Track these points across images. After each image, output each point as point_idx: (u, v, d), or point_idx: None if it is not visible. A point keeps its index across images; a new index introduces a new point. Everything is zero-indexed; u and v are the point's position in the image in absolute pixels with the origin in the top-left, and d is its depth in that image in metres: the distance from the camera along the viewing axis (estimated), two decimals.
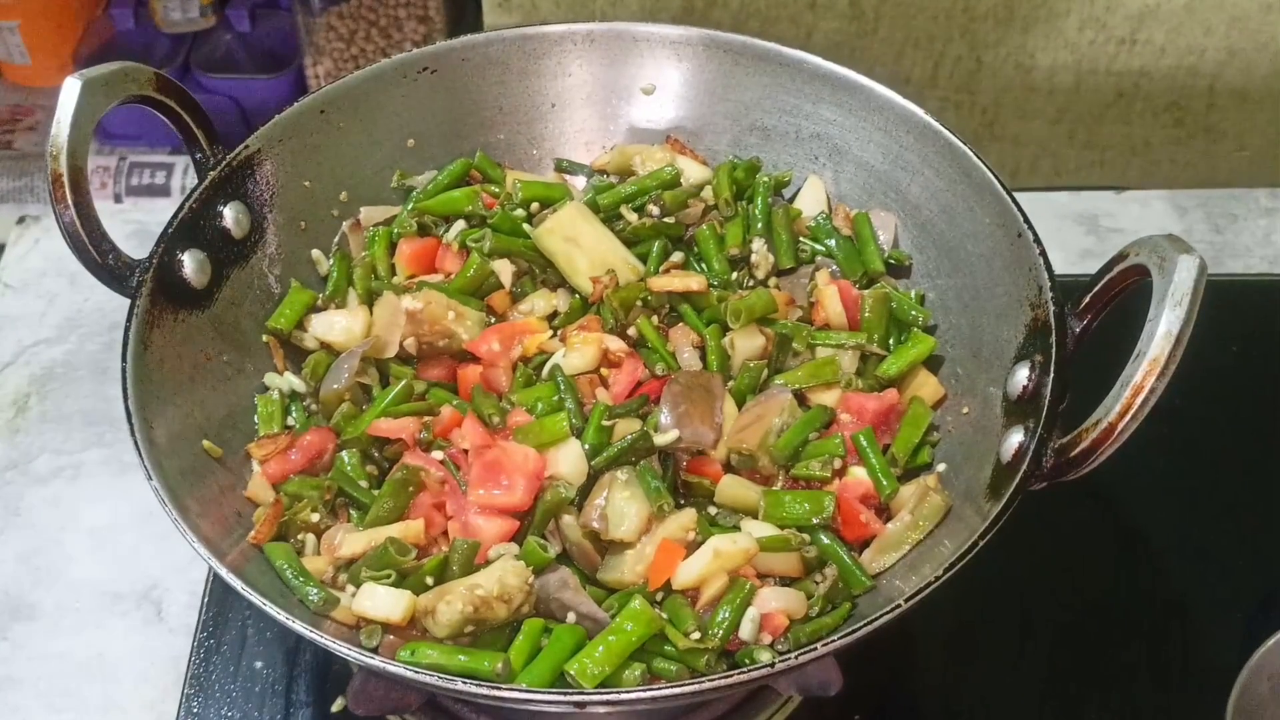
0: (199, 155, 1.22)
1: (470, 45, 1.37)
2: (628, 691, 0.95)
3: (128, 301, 1.10)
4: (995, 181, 1.18)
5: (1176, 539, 1.40)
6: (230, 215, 1.21)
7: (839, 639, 0.92)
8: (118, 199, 2.76)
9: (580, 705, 0.93)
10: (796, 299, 1.26)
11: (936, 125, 1.24)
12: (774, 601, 1.05)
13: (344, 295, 1.27)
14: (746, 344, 1.19)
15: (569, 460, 1.09)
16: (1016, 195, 1.16)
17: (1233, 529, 1.40)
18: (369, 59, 2.67)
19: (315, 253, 1.31)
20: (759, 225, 1.30)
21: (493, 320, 1.24)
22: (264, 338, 1.23)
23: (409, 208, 1.32)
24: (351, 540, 1.07)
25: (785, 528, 1.09)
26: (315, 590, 1.04)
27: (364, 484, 1.12)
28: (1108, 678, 1.28)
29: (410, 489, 1.09)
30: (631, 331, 1.21)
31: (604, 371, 1.19)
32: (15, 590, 1.34)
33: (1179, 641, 1.31)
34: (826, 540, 1.09)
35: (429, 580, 1.03)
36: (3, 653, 1.29)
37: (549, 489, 1.07)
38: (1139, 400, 0.91)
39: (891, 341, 1.23)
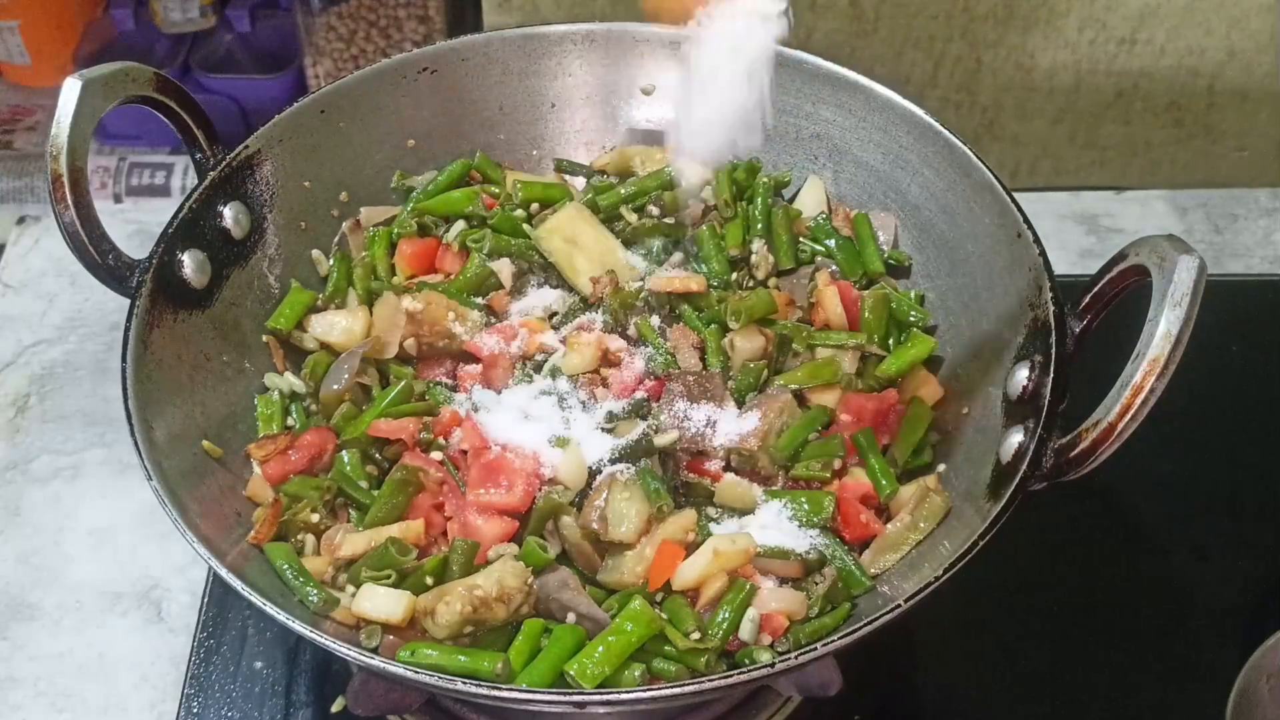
0: (199, 155, 1.22)
1: (470, 45, 1.37)
2: (627, 691, 0.95)
3: (128, 301, 1.10)
4: (995, 181, 1.18)
5: (1176, 539, 1.40)
6: (230, 215, 1.21)
7: (839, 639, 0.92)
8: (118, 199, 2.76)
9: (580, 705, 0.93)
10: (796, 299, 1.26)
11: (936, 125, 1.24)
12: (774, 602, 1.05)
13: (344, 295, 1.27)
14: (746, 344, 1.19)
15: (568, 465, 1.09)
16: (1016, 195, 1.16)
17: (1233, 529, 1.40)
18: (369, 59, 2.68)
19: (315, 253, 1.31)
20: (759, 226, 1.30)
21: (493, 320, 1.24)
22: (264, 338, 1.23)
23: (409, 208, 1.32)
24: (351, 540, 1.07)
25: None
26: (315, 590, 1.04)
27: (364, 484, 1.12)
28: (1107, 678, 1.28)
29: (410, 489, 1.09)
30: (631, 331, 1.21)
31: (604, 371, 1.19)
32: (15, 590, 1.34)
33: (1179, 641, 1.31)
34: (826, 541, 1.09)
35: (429, 580, 1.03)
36: (3, 653, 1.29)
37: (544, 495, 1.07)
38: (1139, 400, 0.91)
39: (891, 342, 1.24)
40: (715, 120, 1.21)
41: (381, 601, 1.02)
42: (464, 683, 0.91)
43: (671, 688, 0.92)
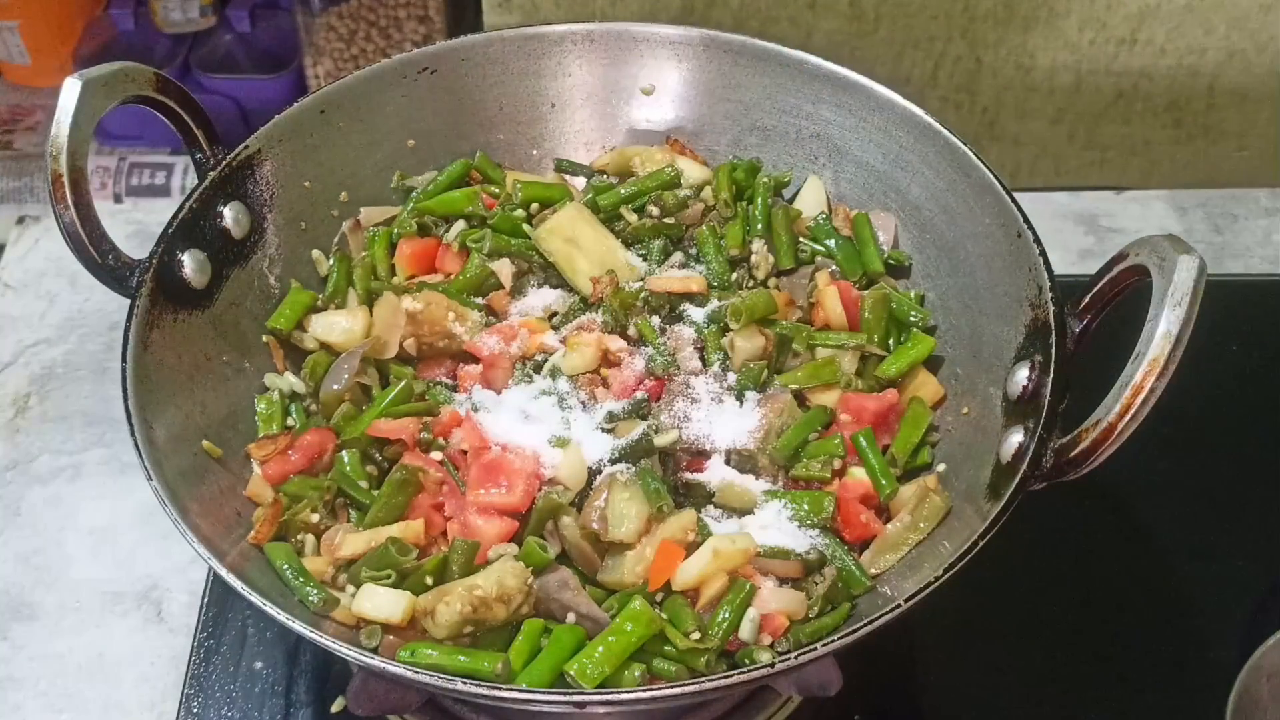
0: (199, 155, 1.22)
1: (470, 45, 1.37)
2: (627, 691, 0.95)
3: (128, 301, 1.10)
4: (995, 181, 1.18)
5: (1176, 539, 1.40)
6: (230, 215, 1.21)
7: (839, 639, 0.92)
8: (118, 199, 2.76)
9: (580, 705, 0.93)
10: (796, 299, 1.26)
11: (936, 125, 1.24)
12: (774, 602, 1.05)
13: (344, 296, 1.27)
14: (746, 344, 1.19)
15: (568, 465, 1.09)
16: (1016, 195, 1.16)
17: (1233, 528, 1.40)
18: (369, 59, 2.68)
19: (315, 253, 1.31)
20: (759, 226, 1.30)
21: (493, 320, 1.24)
22: (264, 338, 1.23)
23: (409, 208, 1.32)
24: (351, 540, 1.07)
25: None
26: (315, 591, 1.04)
27: (364, 484, 1.12)
28: (1107, 678, 1.28)
29: (410, 489, 1.09)
30: (631, 331, 1.21)
31: (604, 371, 1.19)
32: (15, 590, 1.34)
33: (1179, 641, 1.31)
34: (826, 541, 1.09)
35: (429, 580, 1.03)
36: (3, 653, 1.29)
37: (544, 496, 1.07)
38: (1139, 400, 0.91)
39: (891, 342, 1.23)
40: None
41: (381, 601, 1.02)
42: (464, 683, 0.91)
43: (671, 688, 0.92)
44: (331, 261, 1.30)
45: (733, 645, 1.03)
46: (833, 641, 0.92)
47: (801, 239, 1.31)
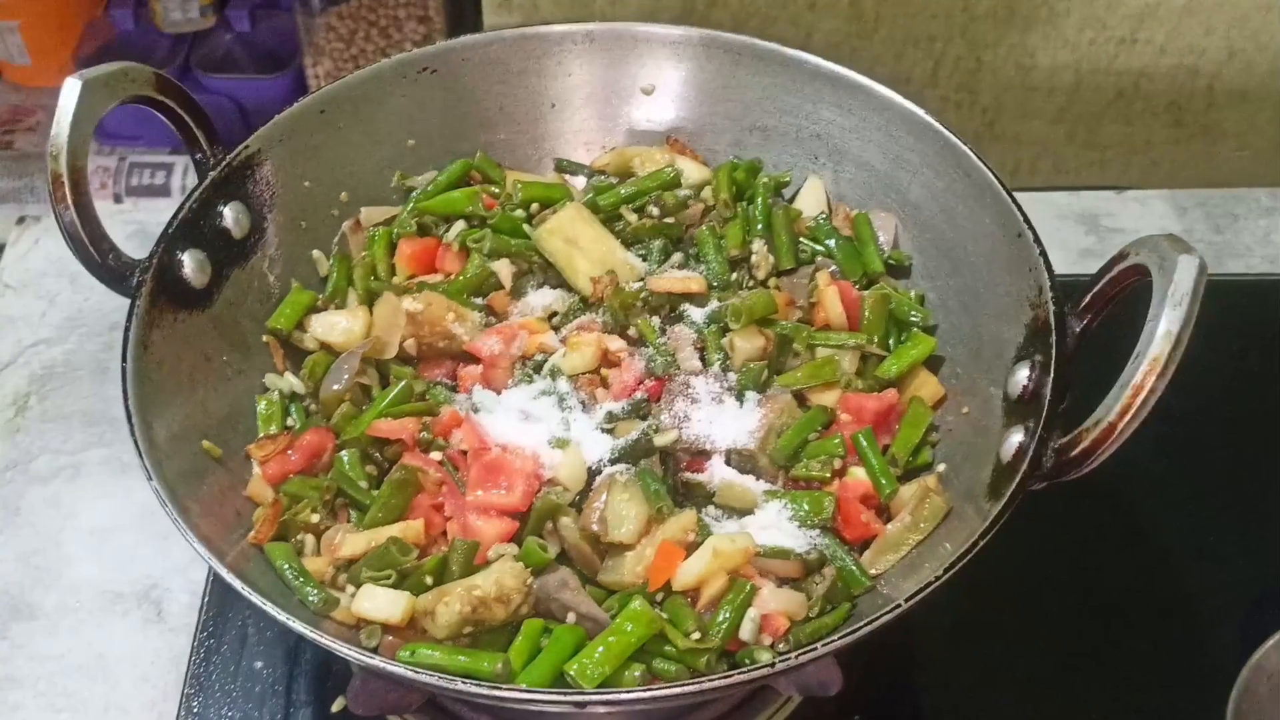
0: (199, 155, 1.22)
1: (470, 45, 1.37)
2: (627, 691, 0.95)
3: (128, 301, 1.10)
4: (995, 181, 1.18)
5: (1177, 539, 1.40)
6: (230, 215, 1.21)
7: (839, 639, 0.92)
8: (118, 199, 2.76)
9: (580, 705, 0.93)
10: (797, 299, 1.26)
11: (936, 125, 1.24)
12: (774, 602, 1.05)
13: (344, 296, 1.27)
14: (746, 344, 1.19)
15: (568, 465, 1.09)
16: (1016, 195, 1.16)
17: (1233, 529, 1.40)
18: (369, 59, 2.67)
19: (315, 253, 1.31)
20: (759, 226, 1.30)
21: (493, 320, 1.24)
22: (264, 338, 1.23)
23: (409, 208, 1.32)
24: (351, 540, 1.07)
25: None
26: (315, 590, 1.04)
27: (363, 484, 1.12)
28: (1108, 678, 1.28)
29: (409, 489, 1.09)
30: (631, 331, 1.21)
31: (604, 371, 1.19)
32: (15, 590, 1.34)
33: (1179, 641, 1.31)
34: (826, 541, 1.09)
35: (428, 580, 1.03)
36: (3, 653, 1.29)
37: (543, 496, 1.07)
38: (1139, 400, 0.91)
39: (891, 342, 1.23)
40: None
41: (381, 602, 1.02)
42: (464, 683, 0.91)
43: (671, 688, 0.92)
44: (331, 261, 1.30)
45: (733, 645, 1.03)
46: (833, 641, 0.92)
47: (801, 239, 1.31)
